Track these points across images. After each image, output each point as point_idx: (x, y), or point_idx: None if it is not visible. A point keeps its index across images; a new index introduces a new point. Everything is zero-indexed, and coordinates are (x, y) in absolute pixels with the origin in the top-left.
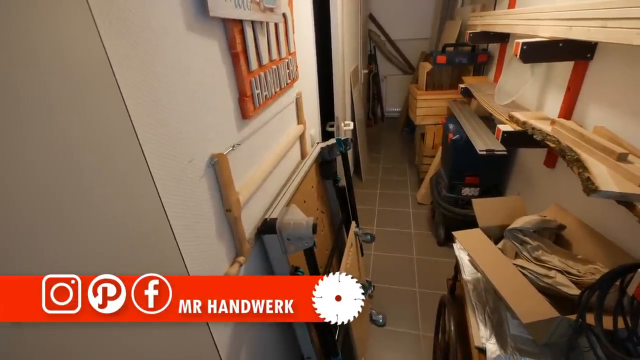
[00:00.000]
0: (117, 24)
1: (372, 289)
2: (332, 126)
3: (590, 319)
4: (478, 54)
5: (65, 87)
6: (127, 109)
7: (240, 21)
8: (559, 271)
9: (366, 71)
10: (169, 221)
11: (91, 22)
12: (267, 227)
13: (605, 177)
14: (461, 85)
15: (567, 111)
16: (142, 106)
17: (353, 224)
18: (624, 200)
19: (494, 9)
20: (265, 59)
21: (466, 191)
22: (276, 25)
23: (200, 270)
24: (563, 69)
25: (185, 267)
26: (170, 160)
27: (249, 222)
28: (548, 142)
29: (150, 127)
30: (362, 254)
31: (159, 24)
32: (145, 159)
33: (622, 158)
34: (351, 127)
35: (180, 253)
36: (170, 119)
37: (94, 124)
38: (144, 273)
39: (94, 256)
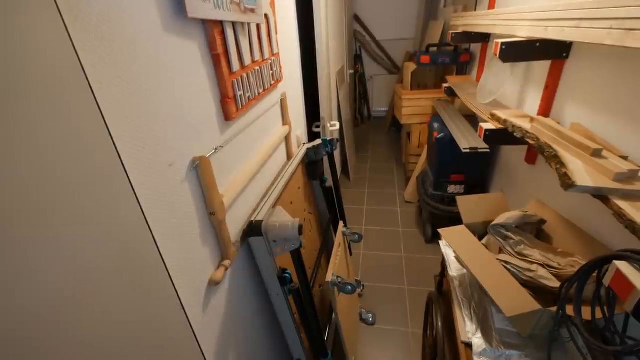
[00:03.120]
0: (89, 25)
1: (362, 288)
2: (318, 127)
3: (570, 310)
4: (460, 53)
5: (30, 89)
6: (101, 112)
7: (221, 22)
8: (540, 265)
9: (352, 71)
10: (149, 226)
11: (60, 23)
12: (252, 229)
13: (581, 172)
14: (445, 85)
15: (546, 109)
16: (118, 109)
17: (341, 223)
18: (599, 194)
19: (475, 10)
20: (247, 60)
21: (452, 189)
22: (258, 26)
23: (183, 275)
24: (541, 68)
25: (168, 272)
26: (149, 164)
27: (235, 225)
28: (528, 140)
29: (127, 130)
30: (351, 254)
31: (135, 25)
32: (122, 163)
33: (596, 154)
34: (337, 127)
35: (162, 258)
36: (149, 122)
37: (63, 128)
38: (125, 279)
39: (70, 266)
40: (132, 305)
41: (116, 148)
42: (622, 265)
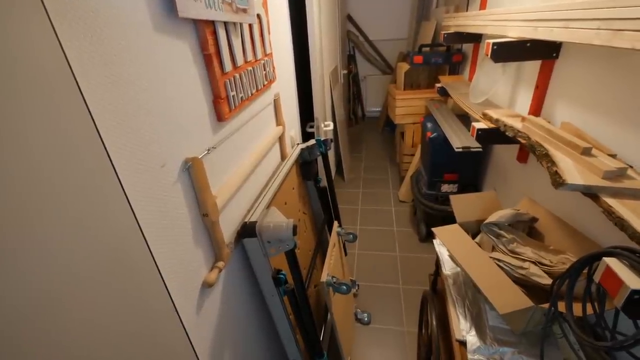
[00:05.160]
0: (77, 24)
1: (357, 288)
2: (312, 127)
3: (562, 306)
4: (453, 54)
5: (16, 89)
6: (90, 113)
7: (212, 22)
8: (532, 262)
9: (346, 72)
10: (141, 229)
11: (47, 22)
12: (246, 230)
13: (572, 170)
14: (438, 85)
15: (537, 108)
16: (108, 110)
17: (335, 223)
18: (589, 192)
19: (467, 10)
20: (239, 61)
21: (445, 188)
22: (250, 26)
23: (176, 277)
24: (531, 68)
25: (160, 274)
26: (141, 166)
27: (229, 226)
28: (519, 139)
29: (117, 131)
30: (346, 254)
31: (124, 25)
32: (113, 165)
33: (586, 152)
34: (331, 127)
35: (155, 261)
36: (139, 122)
37: (51, 129)
38: (115, 282)
39: (58, 267)
40: (122, 308)
41: (106, 149)
42: (612, 262)
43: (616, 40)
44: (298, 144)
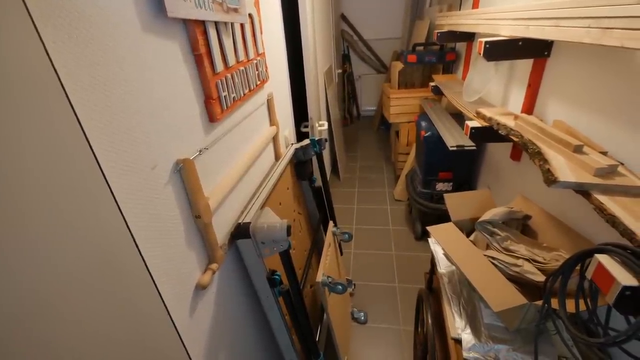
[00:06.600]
0: (62, 26)
1: (353, 287)
2: (306, 127)
3: (555, 303)
4: (446, 52)
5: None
6: (76, 115)
7: (203, 22)
8: (526, 259)
9: (340, 71)
10: (130, 231)
11: (30, 24)
12: (240, 231)
13: (564, 168)
14: (432, 84)
15: (529, 106)
16: (95, 112)
17: (331, 223)
18: (581, 190)
19: (459, 9)
20: (231, 61)
21: (440, 186)
22: (242, 26)
23: (168, 280)
24: (524, 66)
25: (151, 277)
26: (130, 168)
27: (222, 228)
28: (512, 137)
29: (104, 132)
30: (342, 253)
31: (111, 25)
32: (100, 167)
33: (578, 150)
34: (325, 127)
35: (146, 265)
36: (128, 124)
37: (38, 131)
38: (105, 284)
39: (51, 272)
40: (112, 311)
41: (93, 151)
42: (603, 259)
43: (606, 39)
44: (292, 144)
